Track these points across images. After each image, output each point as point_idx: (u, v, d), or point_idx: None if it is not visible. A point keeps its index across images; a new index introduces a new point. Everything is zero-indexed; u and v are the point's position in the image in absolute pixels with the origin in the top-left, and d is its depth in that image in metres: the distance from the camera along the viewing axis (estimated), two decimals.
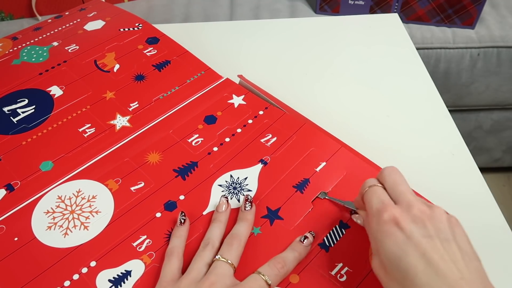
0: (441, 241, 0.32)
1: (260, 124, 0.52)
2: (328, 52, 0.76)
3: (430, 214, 0.34)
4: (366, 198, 0.37)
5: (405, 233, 0.32)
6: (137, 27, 0.65)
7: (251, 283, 0.37)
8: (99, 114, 0.53)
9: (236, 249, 0.39)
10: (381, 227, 0.33)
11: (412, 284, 0.31)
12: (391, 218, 0.33)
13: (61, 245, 0.41)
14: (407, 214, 0.33)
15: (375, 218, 0.34)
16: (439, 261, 0.31)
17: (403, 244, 0.32)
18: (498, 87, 1.21)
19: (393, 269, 0.32)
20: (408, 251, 0.31)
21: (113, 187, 0.46)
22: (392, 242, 0.32)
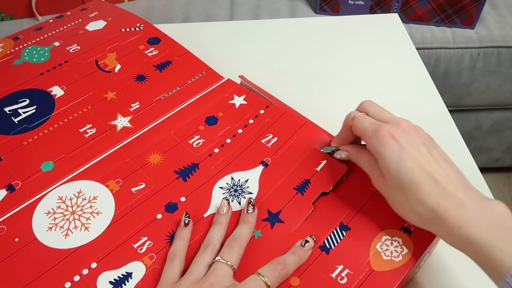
0: (426, 148, 0.40)
1: (261, 123, 0.52)
2: (328, 52, 0.76)
3: (415, 128, 0.41)
4: (358, 124, 0.43)
5: (399, 143, 0.39)
6: (138, 27, 0.65)
7: (250, 283, 0.37)
8: (100, 114, 0.53)
9: (237, 251, 0.39)
10: (380, 141, 0.40)
11: (409, 183, 0.38)
12: (387, 133, 0.40)
13: (61, 246, 0.41)
14: (398, 129, 0.40)
15: (374, 136, 0.40)
16: (428, 162, 0.38)
17: (400, 151, 0.39)
18: (498, 87, 1.21)
19: (392, 175, 0.39)
20: (404, 157, 0.38)
21: (114, 188, 0.46)
22: (391, 151, 0.39)
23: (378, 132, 0.40)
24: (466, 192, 0.37)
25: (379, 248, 0.41)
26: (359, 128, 0.43)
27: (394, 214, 0.43)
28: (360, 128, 0.43)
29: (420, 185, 0.38)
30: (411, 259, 0.40)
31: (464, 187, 0.38)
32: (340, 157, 0.47)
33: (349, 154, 0.46)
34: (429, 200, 0.37)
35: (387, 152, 0.39)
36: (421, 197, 0.38)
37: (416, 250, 0.41)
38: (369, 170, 0.43)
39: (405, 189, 0.38)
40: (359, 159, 0.44)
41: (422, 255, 0.41)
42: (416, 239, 0.42)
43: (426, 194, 0.37)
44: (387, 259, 0.40)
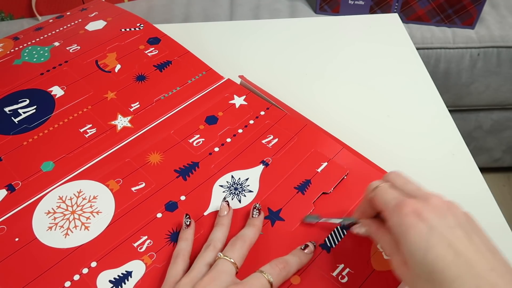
0: (464, 232, 0.31)
1: (261, 124, 0.52)
2: (328, 52, 0.76)
3: (448, 205, 0.33)
4: (379, 197, 0.36)
5: (427, 224, 0.31)
6: (138, 27, 0.65)
7: (253, 281, 0.36)
8: (100, 114, 0.53)
9: (240, 249, 0.39)
10: (402, 220, 0.32)
11: (442, 277, 0.30)
12: (412, 210, 0.32)
13: (61, 246, 0.41)
14: (426, 205, 0.33)
15: (395, 213, 0.33)
16: (467, 251, 0.30)
17: (428, 235, 0.31)
18: (498, 87, 1.21)
19: (418, 264, 0.31)
20: (434, 242, 0.31)
21: (114, 188, 0.46)
22: (416, 234, 0.31)
23: (400, 209, 0.33)
24: None
25: (380, 248, 0.41)
26: (379, 202, 0.36)
27: None
28: (381, 202, 0.36)
29: (455, 281, 0.29)
30: None
31: None
32: (358, 232, 0.40)
33: (368, 230, 0.39)
34: None
35: (411, 235, 0.31)
36: None
37: None
38: (390, 253, 0.35)
39: (435, 283, 0.30)
40: (379, 238, 0.37)
41: None
42: None
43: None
44: (388, 258, 0.40)
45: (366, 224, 0.39)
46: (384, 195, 0.36)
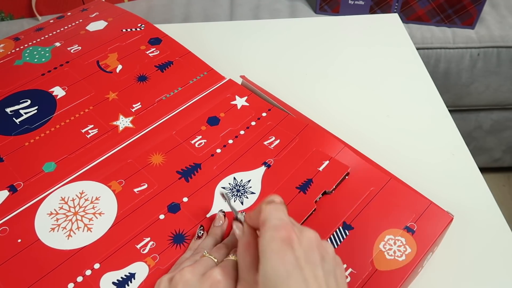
0: (324, 272, 0.31)
1: (263, 126, 0.52)
2: (328, 52, 0.76)
3: (320, 243, 0.33)
4: (267, 212, 0.34)
5: (294, 255, 0.30)
6: (139, 27, 0.65)
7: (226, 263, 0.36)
8: (102, 115, 0.53)
9: (225, 254, 0.38)
10: (273, 243, 0.31)
11: None
12: (286, 237, 0.31)
13: (64, 247, 0.41)
14: (301, 237, 0.32)
15: (269, 232, 0.32)
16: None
17: (291, 265, 0.30)
18: (498, 87, 1.21)
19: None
20: (294, 274, 0.30)
21: (116, 189, 0.46)
22: (280, 260, 0.30)
23: (277, 230, 0.32)
24: None
25: (382, 248, 0.41)
26: (264, 215, 0.33)
27: (397, 213, 0.43)
28: (265, 216, 0.33)
29: None
30: (414, 258, 0.40)
31: None
32: (233, 228, 0.39)
33: (240, 237, 0.37)
34: None
35: (275, 259, 0.30)
36: None
37: (419, 249, 0.41)
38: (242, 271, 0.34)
39: None
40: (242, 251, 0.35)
41: (425, 255, 0.41)
42: (419, 239, 0.42)
43: None
44: (390, 258, 0.41)
45: (245, 229, 0.36)
46: (272, 212, 0.33)
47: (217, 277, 0.34)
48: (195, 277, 0.35)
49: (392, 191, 0.45)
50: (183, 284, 0.34)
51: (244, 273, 0.34)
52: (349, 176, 0.47)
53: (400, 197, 0.45)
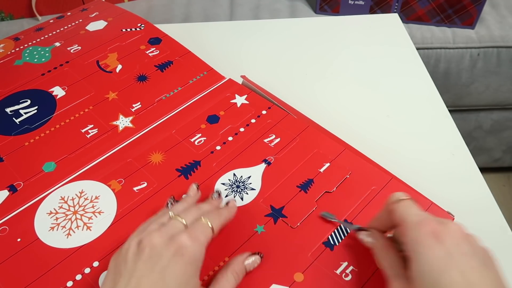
0: (479, 264, 0.31)
1: (263, 124, 0.52)
2: (328, 52, 0.76)
3: (467, 234, 0.33)
4: (401, 210, 0.35)
5: (445, 248, 0.31)
6: (139, 27, 0.65)
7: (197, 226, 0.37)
8: (101, 114, 0.53)
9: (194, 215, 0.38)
10: (421, 239, 0.32)
11: None
12: (431, 231, 0.32)
13: (64, 246, 0.42)
14: (446, 229, 0.32)
15: (414, 230, 0.33)
16: (479, 283, 0.30)
17: (445, 259, 0.31)
18: (498, 87, 1.21)
19: (428, 285, 0.30)
20: (450, 267, 0.30)
21: (116, 188, 0.46)
22: (433, 256, 0.31)
23: (421, 226, 0.33)
24: None
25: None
26: (400, 214, 0.35)
27: None
28: (402, 215, 0.35)
29: None
30: None
31: None
32: (363, 239, 0.40)
33: (375, 243, 0.38)
34: None
35: (428, 255, 0.31)
36: None
37: None
38: (391, 274, 0.35)
39: None
40: (384, 255, 0.37)
41: None
42: None
43: None
44: None
45: (376, 236, 0.38)
46: (407, 209, 0.35)
47: (184, 241, 0.34)
48: (163, 241, 0.34)
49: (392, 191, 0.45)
50: (150, 248, 0.34)
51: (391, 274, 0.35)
52: (350, 176, 0.47)
53: None
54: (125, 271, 0.34)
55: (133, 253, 0.34)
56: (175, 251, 0.34)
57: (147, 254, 0.34)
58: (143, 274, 0.33)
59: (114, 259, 0.36)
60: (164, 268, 0.33)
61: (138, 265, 0.33)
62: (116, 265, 0.35)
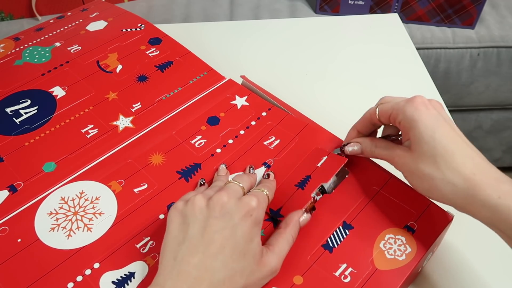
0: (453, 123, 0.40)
1: (263, 126, 0.52)
2: (328, 52, 0.76)
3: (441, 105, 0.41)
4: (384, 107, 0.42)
5: (434, 111, 0.39)
6: (139, 27, 0.65)
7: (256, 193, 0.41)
8: (102, 115, 0.53)
9: (247, 180, 0.43)
10: (416, 107, 0.39)
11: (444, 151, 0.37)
12: (422, 101, 0.40)
13: (64, 247, 0.41)
14: (430, 101, 0.40)
15: (408, 104, 0.40)
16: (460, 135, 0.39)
17: (436, 119, 0.39)
18: (498, 87, 1.21)
19: (426, 142, 0.38)
20: (440, 124, 0.38)
21: (116, 189, 0.46)
22: (427, 117, 0.39)
23: (413, 101, 0.40)
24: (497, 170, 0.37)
25: (382, 247, 0.41)
26: (387, 109, 0.42)
27: (398, 213, 0.43)
28: (389, 108, 0.42)
29: (455, 153, 0.37)
30: (414, 258, 0.40)
31: None
32: (352, 149, 0.45)
33: (362, 146, 0.45)
34: (465, 169, 0.37)
35: (423, 117, 0.39)
36: (456, 166, 0.37)
37: (420, 249, 0.41)
38: (388, 153, 0.42)
39: (437, 158, 0.37)
40: (374, 148, 0.44)
41: (426, 254, 0.41)
42: (420, 238, 0.42)
43: (461, 163, 0.37)
44: (391, 258, 0.41)
45: (359, 140, 0.45)
46: (388, 104, 0.42)
47: (253, 204, 0.38)
48: (232, 200, 0.38)
49: (392, 191, 0.45)
50: (221, 207, 0.37)
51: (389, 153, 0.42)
52: (349, 176, 0.47)
53: (400, 196, 0.45)
54: (194, 223, 0.37)
55: (202, 208, 0.38)
56: (246, 212, 0.38)
57: (219, 212, 0.37)
58: (216, 230, 0.36)
59: (176, 211, 0.39)
60: (235, 226, 0.37)
61: (210, 220, 0.37)
62: (181, 217, 0.38)
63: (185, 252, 0.36)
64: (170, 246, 0.37)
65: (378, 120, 0.44)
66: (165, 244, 0.38)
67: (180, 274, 0.35)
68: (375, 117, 0.44)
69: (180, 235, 0.37)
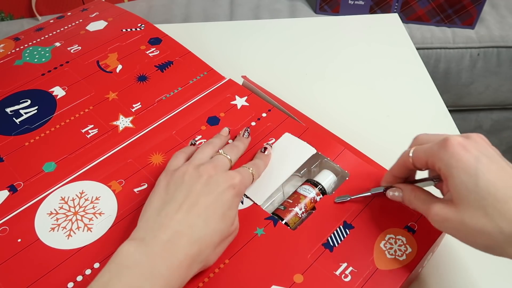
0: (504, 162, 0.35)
1: (263, 127, 0.52)
2: (328, 52, 0.76)
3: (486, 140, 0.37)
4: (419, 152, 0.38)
5: (473, 154, 0.34)
6: (139, 27, 0.65)
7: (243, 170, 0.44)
8: (102, 115, 0.53)
9: (236, 153, 0.46)
10: (451, 153, 0.35)
11: (494, 200, 0.32)
12: (457, 143, 0.35)
13: (64, 247, 0.41)
14: (468, 139, 0.36)
15: (442, 150, 0.35)
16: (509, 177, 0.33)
17: (476, 163, 0.33)
18: (498, 87, 1.22)
19: (469, 192, 0.33)
20: (484, 169, 0.33)
21: (116, 189, 0.46)
22: (465, 163, 0.34)
23: (446, 144, 0.35)
24: None
25: (383, 247, 0.41)
26: (422, 154, 0.38)
27: (398, 213, 0.43)
28: (423, 153, 0.38)
29: (508, 202, 0.32)
30: (415, 258, 0.40)
31: None
32: (393, 195, 0.42)
33: (403, 193, 0.41)
34: None
35: (462, 164, 0.34)
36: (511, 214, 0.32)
37: (420, 249, 0.41)
38: (427, 207, 0.37)
39: (488, 208, 0.32)
40: (413, 198, 0.40)
41: (426, 255, 0.41)
42: (420, 239, 0.42)
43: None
44: (391, 258, 0.41)
45: (401, 187, 0.42)
46: (423, 148, 0.38)
47: (237, 181, 0.41)
48: (219, 172, 0.41)
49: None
50: (208, 176, 0.40)
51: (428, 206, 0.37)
52: (350, 176, 0.47)
53: None
54: (182, 187, 0.40)
55: (190, 175, 0.40)
56: (230, 185, 0.40)
57: (205, 180, 0.40)
58: (201, 194, 0.39)
59: (165, 177, 0.42)
60: (220, 194, 0.40)
61: (196, 186, 0.40)
62: (170, 182, 0.41)
63: (169, 209, 0.38)
64: (154, 203, 0.40)
65: (413, 166, 0.40)
66: (150, 202, 0.40)
67: (162, 227, 0.37)
68: (409, 163, 0.40)
69: (166, 196, 0.40)
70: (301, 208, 0.45)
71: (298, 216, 0.44)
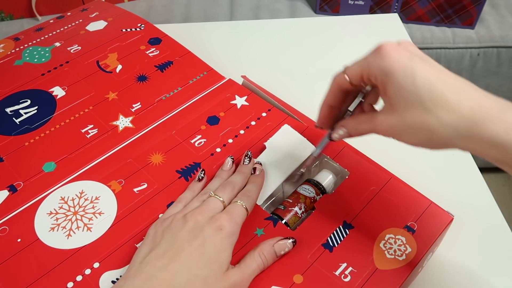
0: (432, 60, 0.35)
1: (263, 126, 0.52)
2: (328, 52, 0.76)
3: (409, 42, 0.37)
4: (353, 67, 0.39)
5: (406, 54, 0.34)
6: (139, 27, 0.65)
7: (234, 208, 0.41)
8: (101, 115, 0.53)
9: (230, 192, 0.43)
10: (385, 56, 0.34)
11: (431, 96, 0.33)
12: (391, 46, 0.35)
13: (64, 247, 0.41)
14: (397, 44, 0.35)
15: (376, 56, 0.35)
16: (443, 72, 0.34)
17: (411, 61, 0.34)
18: (498, 87, 1.21)
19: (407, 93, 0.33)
20: (418, 67, 0.33)
21: (116, 188, 0.46)
22: (401, 63, 0.34)
23: (380, 51, 0.35)
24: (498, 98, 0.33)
25: (382, 247, 0.41)
26: (356, 67, 0.38)
27: (398, 213, 0.43)
28: (358, 66, 0.38)
29: (445, 92, 0.33)
30: (414, 258, 0.40)
31: None
32: (339, 135, 0.41)
33: (346, 126, 0.41)
34: (461, 107, 0.32)
35: (396, 64, 0.34)
36: (450, 105, 0.32)
37: (420, 249, 0.41)
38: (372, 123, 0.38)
39: (426, 103, 0.33)
40: (357, 124, 0.39)
41: (426, 255, 0.41)
42: (420, 238, 0.42)
43: (455, 101, 0.32)
44: (391, 257, 0.41)
45: (343, 123, 0.41)
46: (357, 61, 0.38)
47: (224, 222, 0.39)
48: (205, 218, 0.39)
49: (392, 191, 0.45)
50: (194, 222, 0.39)
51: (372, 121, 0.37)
52: (350, 176, 0.47)
53: (400, 196, 0.45)
54: (168, 235, 0.39)
55: (176, 222, 0.39)
56: (216, 226, 0.38)
57: (191, 226, 0.39)
58: (185, 240, 0.38)
59: (155, 226, 0.40)
60: (205, 238, 0.38)
61: (181, 232, 0.38)
62: (158, 231, 0.40)
63: (152, 257, 0.37)
64: (141, 253, 0.38)
65: (350, 84, 0.39)
66: (137, 251, 0.39)
67: (142, 274, 0.36)
68: (345, 82, 0.39)
69: (153, 244, 0.39)
70: (301, 207, 0.45)
71: (298, 216, 0.44)
